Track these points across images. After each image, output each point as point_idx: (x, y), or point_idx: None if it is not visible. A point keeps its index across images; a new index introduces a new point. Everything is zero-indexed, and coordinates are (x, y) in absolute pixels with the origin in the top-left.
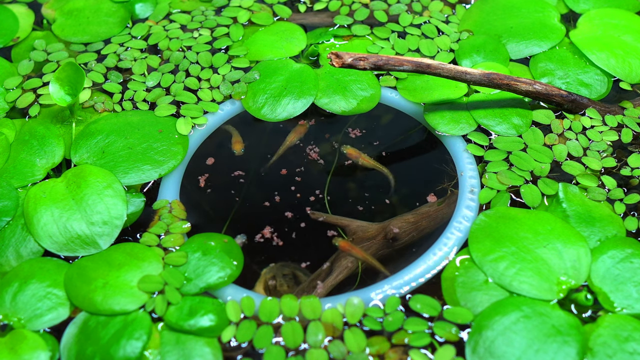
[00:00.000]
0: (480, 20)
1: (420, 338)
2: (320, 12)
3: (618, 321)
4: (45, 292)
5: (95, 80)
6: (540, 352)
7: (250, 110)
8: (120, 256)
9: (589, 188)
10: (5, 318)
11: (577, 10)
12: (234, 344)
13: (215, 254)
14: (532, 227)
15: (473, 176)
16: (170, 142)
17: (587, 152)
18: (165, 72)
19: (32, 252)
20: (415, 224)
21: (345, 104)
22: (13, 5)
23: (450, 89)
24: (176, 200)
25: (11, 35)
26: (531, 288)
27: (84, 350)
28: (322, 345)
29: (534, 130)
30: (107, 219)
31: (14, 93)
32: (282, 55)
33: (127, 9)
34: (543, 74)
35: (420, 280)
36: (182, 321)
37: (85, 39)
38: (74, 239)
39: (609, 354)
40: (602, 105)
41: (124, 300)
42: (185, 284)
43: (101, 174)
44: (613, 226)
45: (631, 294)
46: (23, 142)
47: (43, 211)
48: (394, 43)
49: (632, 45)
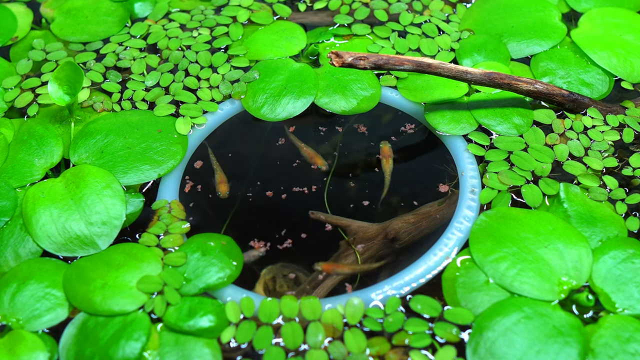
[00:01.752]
0: (481, 20)
1: (420, 339)
2: (320, 11)
3: (619, 322)
4: (43, 292)
5: (94, 80)
6: (541, 353)
7: (250, 110)
8: (119, 256)
9: (591, 188)
10: (4, 319)
11: (578, 10)
12: (233, 345)
13: (214, 254)
14: (533, 228)
15: (474, 176)
16: (170, 141)
17: (589, 152)
18: (164, 71)
19: (31, 253)
20: (415, 224)
21: (346, 103)
22: (11, 4)
23: (451, 89)
24: (175, 200)
25: (10, 34)
26: (532, 289)
27: (82, 351)
28: (322, 346)
29: (535, 130)
30: (106, 219)
31: (13, 92)
32: (282, 55)
33: (126, 8)
34: (544, 73)
35: (421, 281)
36: (181, 322)
37: (84, 38)
38: (73, 239)
39: (610, 355)
40: (603, 105)
41: (123, 301)
42: (184, 284)
43: (100, 174)
44: (614, 226)
45: (633, 294)
46: (21, 141)
47: (42, 211)
48: (394, 42)
49: (633, 45)
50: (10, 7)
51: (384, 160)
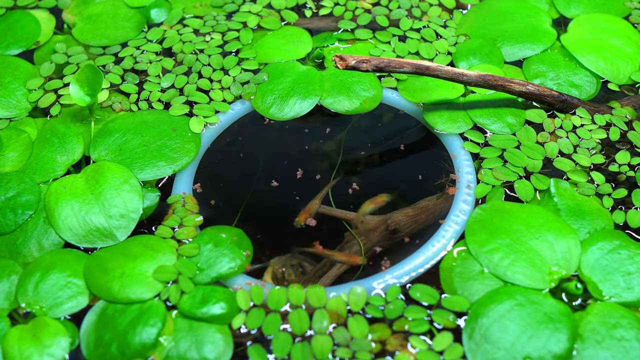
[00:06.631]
0: (476, 25)
1: (419, 325)
2: (325, 17)
3: (606, 309)
4: (65, 281)
5: (112, 82)
6: (533, 338)
7: (259, 110)
8: (136, 248)
9: (579, 183)
10: (28, 306)
11: (567, 15)
12: (244, 331)
13: (226, 245)
14: (525, 220)
15: (470, 172)
16: (184, 139)
17: (577, 150)
18: (179, 73)
19: (53, 244)
20: (414, 217)
21: (349, 104)
22: (35, 10)
23: (448, 90)
24: (189, 194)
25: (33, 39)
26: (524, 278)
27: (102, 336)
28: (327, 331)
29: (527, 129)
30: (124, 213)
31: (36, 94)
32: (289, 58)
33: (143, 14)
34: (535, 75)
35: (420, 271)
36: (194, 309)
37: (104, 42)
38: (93, 232)
39: (598, 340)
40: (591, 105)
41: (139, 289)
42: (197, 273)
43: (118, 170)
44: (602, 219)
45: (619, 283)
46: (45, 140)
47: (63, 205)
48: (394, 46)
49: (619, 49)
50: (34, 14)
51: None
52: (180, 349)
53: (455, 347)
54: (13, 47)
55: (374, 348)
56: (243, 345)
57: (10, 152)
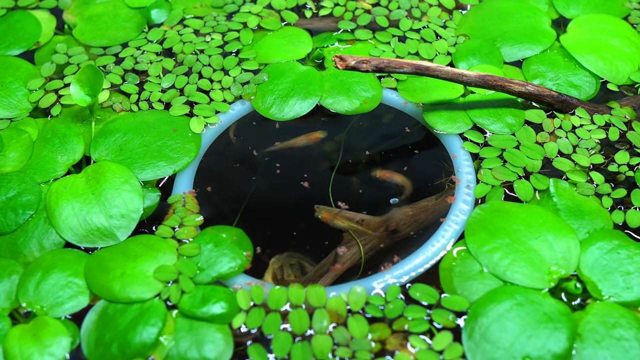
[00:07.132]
0: (476, 25)
1: (419, 324)
2: (325, 17)
3: (606, 309)
4: (66, 281)
5: (113, 82)
6: (532, 337)
7: (259, 110)
8: (136, 247)
9: (578, 183)
10: (29, 306)
11: (567, 16)
12: (244, 330)
13: (226, 245)
14: (524, 220)
15: (469, 172)
16: (184, 140)
17: (577, 150)
18: (179, 74)
19: (54, 244)
20: (414, 217)
21: (349, 104)
22: (36, 11)
23: (447, 90)
24: (190, 194)
25: (34, 39)
26: (524, 277)
27: (102, 336)
28: (327, 331)
29: (527, 129)
30: (124, 213)
31: (37, 94)
32: (290, 58)
33: (143, 14)
34: (535, 75)
35: (420, 270)
36: (195, 308)
37: (104, 43)
38: (94, 231)
39: (597, 340)
40: (590, 105)
41: (140, 289)
42: (198, 273)
43: (119, 170)
44: (601, 219)
45: (618, 283)
46: (45, 140)
47: (64, 205)
48: (394, 47)
49: (619, 49)
50: (34, 14)
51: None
52: (180, 348)
53: (454, 346)
54: (14, 48)
55: (374, 347)
56: (243, 345)
57: (11, 152)
